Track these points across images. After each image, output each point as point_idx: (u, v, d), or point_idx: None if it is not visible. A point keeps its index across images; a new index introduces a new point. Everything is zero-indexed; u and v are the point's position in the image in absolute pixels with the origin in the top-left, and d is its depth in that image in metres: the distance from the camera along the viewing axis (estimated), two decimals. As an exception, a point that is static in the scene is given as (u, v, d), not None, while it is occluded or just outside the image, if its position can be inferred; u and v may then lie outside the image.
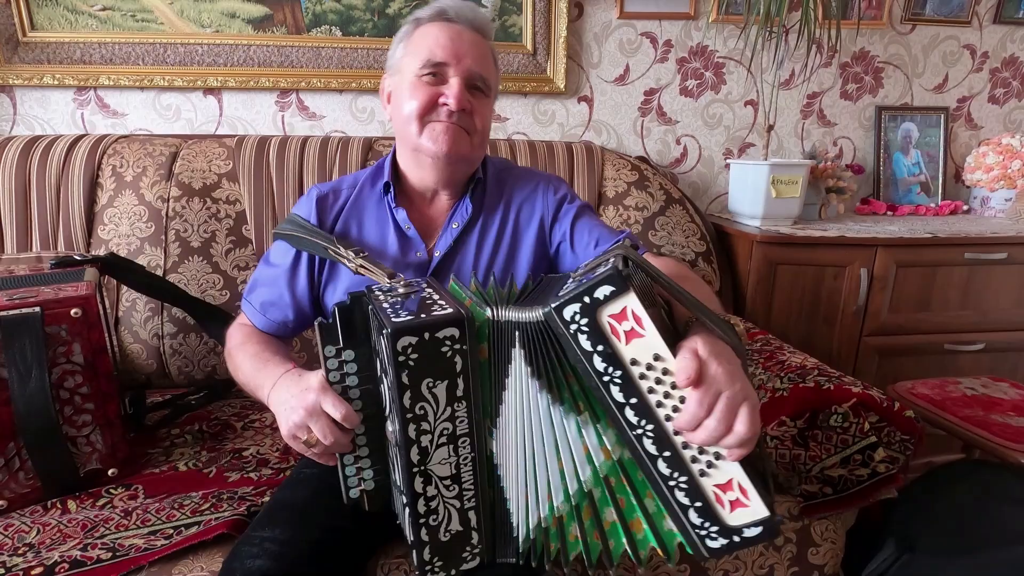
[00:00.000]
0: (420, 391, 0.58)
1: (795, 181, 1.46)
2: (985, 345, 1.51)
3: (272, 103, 1.55)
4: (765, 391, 1.04)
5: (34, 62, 1.42)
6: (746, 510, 0.57)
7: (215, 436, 1.08)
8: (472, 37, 0.81)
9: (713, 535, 0.58)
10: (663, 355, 0.55)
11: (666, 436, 0.57)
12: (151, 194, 1.28)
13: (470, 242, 0.86)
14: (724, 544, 0.58)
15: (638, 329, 0.55)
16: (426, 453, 0.61)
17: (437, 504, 0.62)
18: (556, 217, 0.89)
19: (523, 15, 1.55)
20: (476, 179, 0.87)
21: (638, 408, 0.57)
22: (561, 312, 0.56)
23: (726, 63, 1.69)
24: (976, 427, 1.14)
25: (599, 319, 0.55)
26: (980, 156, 1.75)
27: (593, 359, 0.56)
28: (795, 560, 0.90)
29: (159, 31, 1.45)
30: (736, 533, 0.58)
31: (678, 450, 0.57)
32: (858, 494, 0.90)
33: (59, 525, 0.82)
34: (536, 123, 1.65)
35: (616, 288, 0.54)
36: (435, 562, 0.64)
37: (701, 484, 0.57)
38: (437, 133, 0.79)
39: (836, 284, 1.44)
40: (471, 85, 0.80)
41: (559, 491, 0.62)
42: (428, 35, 0.80)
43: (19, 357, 0.82)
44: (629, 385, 0.56)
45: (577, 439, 0.60)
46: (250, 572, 0.65)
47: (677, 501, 0.58)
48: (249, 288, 0.90)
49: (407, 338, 0.56)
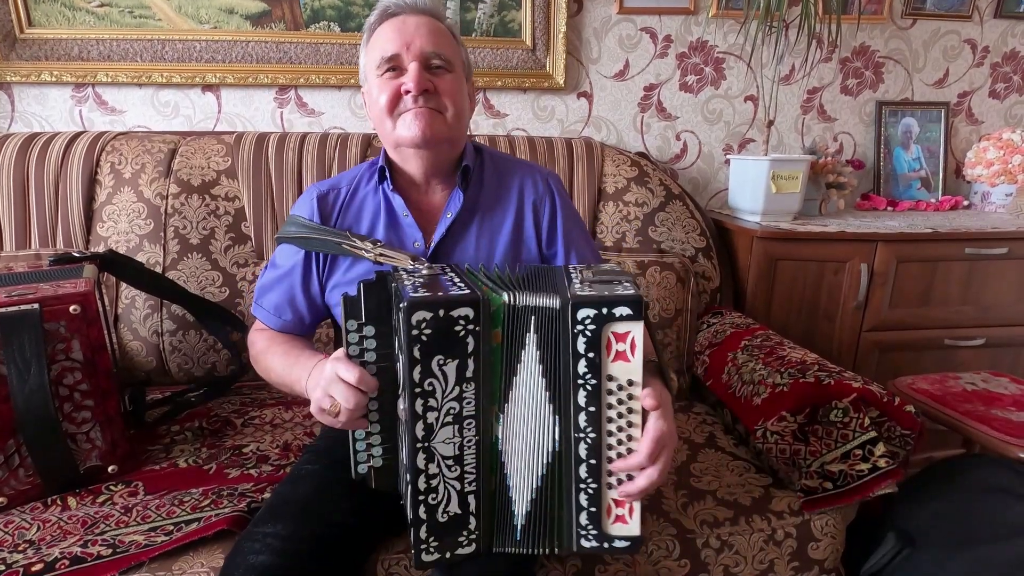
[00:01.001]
0: (430, 367, 0.61)
1: (795, 176, 1.46)
2: (985, 340, 1.51)
3: (271, 99, 1.55)
4: (765, 386, 1.04)
5: (32, 59, 1.42)
6: (626, 526, 0.65)
7: (215, 433, 1.08)
8: (418, 20, 0.81)
9: (590, 537, 0.66)
10: (636, 382, 0.61)
11: (599, 449, 0.63)
12: (150, 191, 1.28)
13: (466, 231, 0.87)
14: (593, 546, 0.66)
15: (629, 355, 0.61)
16: (431, 430, 0.63)
17: (438, 483, 0.64)
18: (553, 225, 0.90)
19: (522, 10, 1.55)
20: (465, 167, 0.87)
21: (591, 417, 0.63)
22: (577, 309, 0.59)
23: (726, 58, 1.68)
24: (976, 422, 1.14)
25: (604, 331, 0.60)
26: (981, 151, 1.74)
27: (579, 362, 0.61)
28: (795, 555, 0.90)
29: (157, 27, 1.44)
30: (609, 540, 0.66)
31: (602, 463, 0.64)
32: (858, 489, 0.90)
33: (59, 522, 0.82)
34: (535, 119, 1.65)
35: (634, 314, 0.59)
36: (431, 542, 0.65)
37: (605, 495, 0.65)
38: (409, 120, 0.80)
39: (836, 279, 1.44)
40: (428, 65, 0.81)
41: (542, 474, 0.66)
42: (379, 36, 0.82)
43: (18, 354, 0.82)
44: (595, 396, 0.62)
45: (551, 426, 0.65)
46: (253, 567, 0.65)
47: (578, 501, 0.65)
48: (259, 294, 0.92)
49: (422, 312, 0.59)
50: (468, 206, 0.87)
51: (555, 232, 0.90)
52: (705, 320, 1.38)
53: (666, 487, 0.96)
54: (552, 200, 0.91)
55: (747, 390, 1.08)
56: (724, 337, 1.26)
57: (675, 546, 0.87)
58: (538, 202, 0.90)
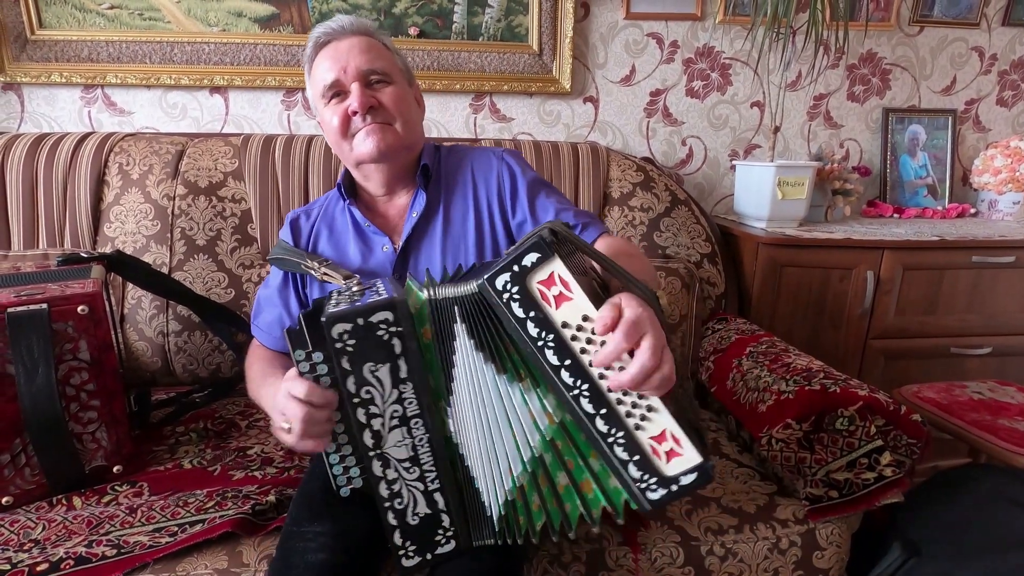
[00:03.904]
0: (363, 375, 0.61)
1: (801, 183, 1.46)
2: (992, 349, 1.50)
3: (278, 102, 1.56)
4: (771, 393, 1.03)
5: (42, 60, 1.43)
6: (681, 459, 0.59)
7: (220, 434, 1.08)
8: (348, 42, 0.85)
9: (653, 487, 0.60)
10: (592, 316, 0.58)
11: (601, 394, 0.59)
12: (157, 192, 1.28)
13: (433, 228, 0.89)
14: (664, 494, 0.60)
15: (566, 293, 0.58)
16: (379, 436, 0.63)
17: (400, 487, 0.65)
18: (515, 194, 0.91)
19: (529, 15, 1.55)
20: (423, 166, 0.90)
21: (573, 369, 0.59)
22: (493, 282, 0.58)
23: (732, 64, 1.68)
24: (983, 431, 1.13)
25: (529, 286, 0.58)
26: (988, 159, 1.74)
27: (527, 325, 0.59)
28: (800, 564, 0.90)
29: (166, 30, 1.45)
30: (674, 482, 0.59)
31: (613, 407, 0.59)
32: (864, 498, 0.90)
33: (64, 521, 0.83)
34: (541, 123, 1.65)
35: (542, 254, 0.57)
36: (408, 546, 0.66)
37: (638, 438, 0.60)
38: (362, 138, 0.84)
39: (842, 286, 1.43)
40: (368, 82, 0.84)
41: (516, 462, 0.64)
42: (317, 66, 0.86)
43: (26, 353, 0.82)
44: (562, 348, 0.59)
45: (523, 406, 0.63)
46: (312, 566, 0.67)
47: (617, 457, 0.60)
48: (255, 313, 0.97)
49: (340, 324, 0.60)
50: (431, 201, 0.90)
51: (517, 199, 0.90)
52: (710, 326, 1.37)
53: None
54: (509, 170, 0.92)
55: (752, 397, 1.08)
56: (729, 343, 1.26)
57: (679, 553, 0.86)
58: (493, 178, 0.91)
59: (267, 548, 0.80)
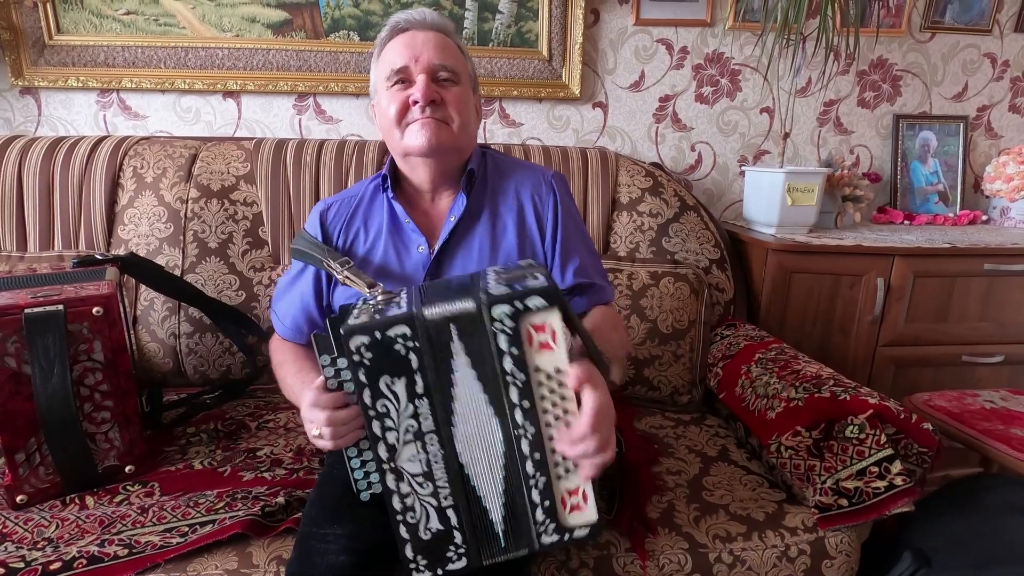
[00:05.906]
0: (379, 388, 0.62)
1: (811, 189, 1.45)
2: (1004, 357, 1.49)
3: (290, 106, 1.57)
4: (780, 400, 1.03)
5: (59, 64, 1.45)
6: (582, 514, 0.65)
7: (230, 435, 1.09)
8: (427, 35, 0.84)
9: (550, 531, 0.65)
10: (563, 369, 0.62)
11: (541, 441, 0.63)
12: (170, 195, 1.30)
13: (471, 233, 0.88)
14: (556, 540, 0.65)
15: (551, 343, 0.61)
16: (393, 450, 0.64)
17: (412, 501, 0.65)
18: (555, 227, 0.90)
19: (539, 21, 1.56)
20: (469, 170, 0.89)
21: (527, 412, 0.62)
22: (491, 309, 0.60)
23: (742, 70, 1.68)
24: (995, 441, 1.12)
25: (522, 325, 0.60)
26: (1000, 166, 1.72)
27: (504, 359, 0.61)
28: (809, 572, 0.89)
29: (181, 35, 1.47)
30: (569, 532, 0.65)
31: (546, 455, 0.64)
32: (874, 507, 0.89)
33: (77, 520, 0.84)
34: (551, 128, 1.66)
35: (548, 304, 0.59)
36: (419, 560, 0.66)
37: (555, 486, 0.65)
38: (416, 130, 0.82)
39: (852, 293, 1.42)
40: (436, 78, 0.83)
41: (503, 476, 0.66)
42: (389, 50, 0.85)
43: (42, 354, 0.84)
44: (527, 390, 0.62)
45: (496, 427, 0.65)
46: (333, 567, 0.67)
47: (531, 499, 0.65)
48: (275, 297, 0.97)
49: (359, 338, 0.60)
50: (472, 208, 0.89)
51: (556, 233, 0.90)
52: (718, 332, 1.37)
53: (678, 500, 0.95)
54: (554, 199, 0.91)
55: (761, 404, 1.07)
56: (738, 350, 1.26)
57: (687, 560, 0.86)
58: (539, 199, 0.91)
59: (277, 549, 0.80)
